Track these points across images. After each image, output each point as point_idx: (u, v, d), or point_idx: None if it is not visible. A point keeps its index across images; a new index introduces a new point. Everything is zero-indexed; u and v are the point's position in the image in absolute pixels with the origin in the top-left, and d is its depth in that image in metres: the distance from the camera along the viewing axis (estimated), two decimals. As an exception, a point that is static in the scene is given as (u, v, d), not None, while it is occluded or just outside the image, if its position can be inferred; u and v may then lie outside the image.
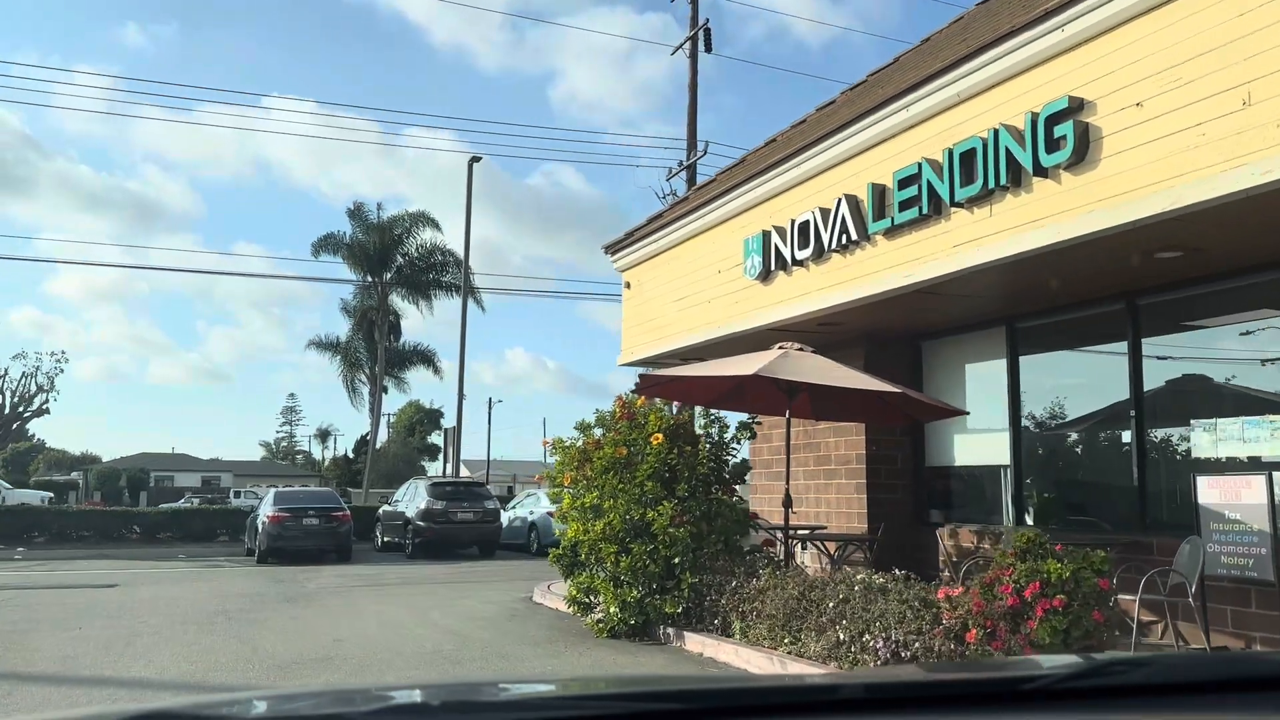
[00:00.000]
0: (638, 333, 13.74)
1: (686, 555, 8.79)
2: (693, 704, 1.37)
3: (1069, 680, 1.45)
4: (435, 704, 1.45)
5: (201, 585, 15.71)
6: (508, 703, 1.50)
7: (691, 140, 37.33)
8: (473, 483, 24.09)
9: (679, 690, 1.48)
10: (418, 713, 1.40)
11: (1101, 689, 1.45)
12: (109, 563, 20.67)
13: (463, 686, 2.40)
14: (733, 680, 2.22)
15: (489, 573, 18.05)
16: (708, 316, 11.90)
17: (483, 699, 1.54)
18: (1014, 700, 1.42)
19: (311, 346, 46.51)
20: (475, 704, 1.47)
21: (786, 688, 1.61)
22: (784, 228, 10.28)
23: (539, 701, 1.51)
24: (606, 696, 1.48)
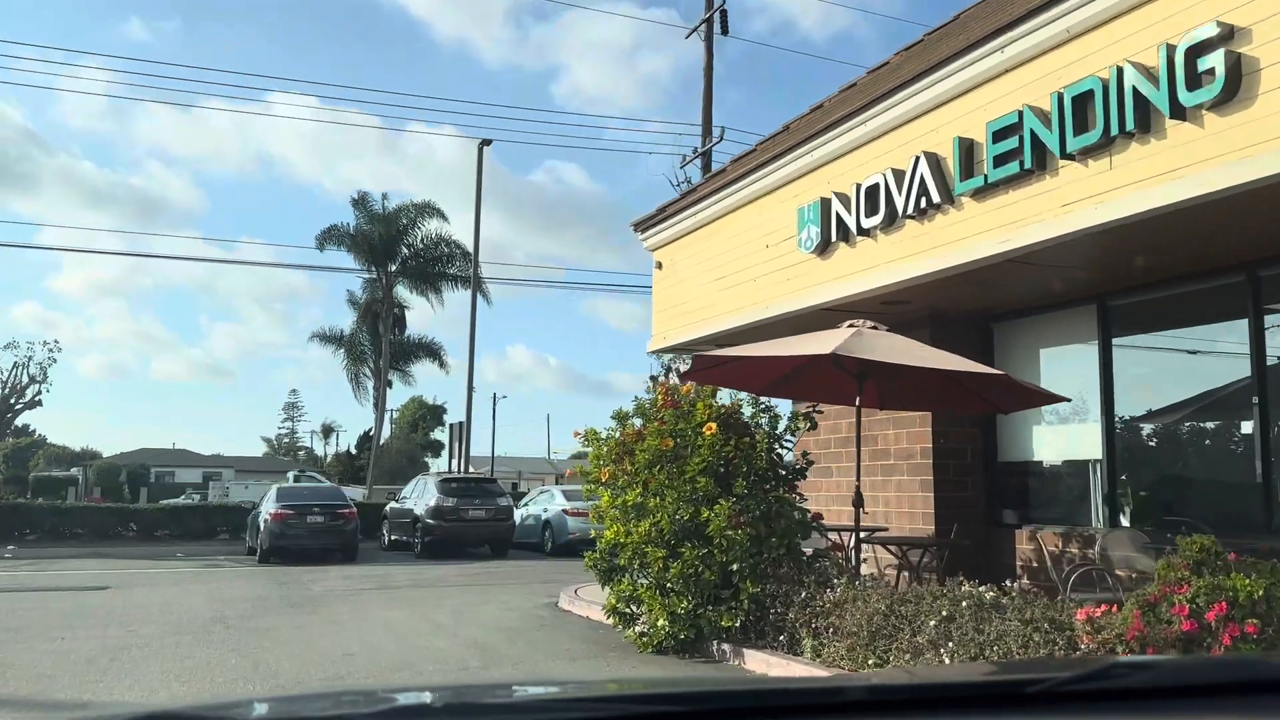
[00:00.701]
0: (671, 317, 12.66)
1: (746, 561, 7.71)
2: (695, 706, 1.38)
3: (1073, 683, 1.45)
4: (438, 706, 1.46)
5: (199, 588, 14.65)
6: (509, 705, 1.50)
7: (707, 126, 36.19)
8: (484, 479, 23.03)
9: (681, 692, 1.49)
10: (419, 714, 1.39)
11: (1106, 692, 1.44)
12: (102, 562, 19.61)
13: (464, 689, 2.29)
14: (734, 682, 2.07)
15: (505, 574, 16.97)
16: (753, 296, 10.82)
17: (484, 701, 1.56)
18: (1018, 703, 1.42)
19: (315, 339, 45.45)
20: (477, 706, 1.49)
21: (789, 690, 1.54)
22: (847, 194, 9.20)
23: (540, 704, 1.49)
24: (608, 699, 1.47)
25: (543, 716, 1.44)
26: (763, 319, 10.61)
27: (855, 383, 8.60)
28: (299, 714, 1.44)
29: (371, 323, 45.23)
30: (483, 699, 1.58)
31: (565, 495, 23.05)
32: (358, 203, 43.99)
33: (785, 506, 8.05)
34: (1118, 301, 8.96)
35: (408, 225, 43.41)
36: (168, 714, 1.26)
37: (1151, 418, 9.05)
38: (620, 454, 8.97)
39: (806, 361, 8.51)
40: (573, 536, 21.72)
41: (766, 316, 10.52)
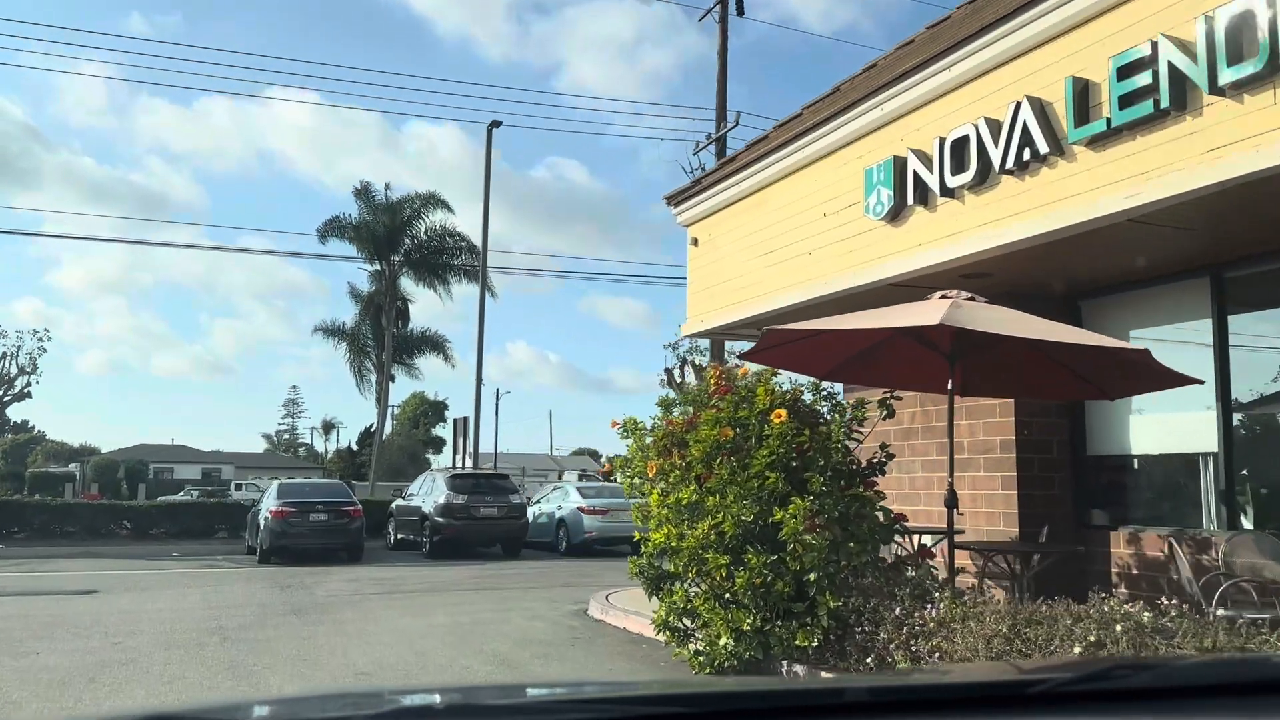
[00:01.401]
0: (709, 297, 11.56)
1: (824, 570, 6.61)
2: (696, 708, 1.38)
3: (1074, 684, 1.46)
4: (440, 707, 1.46)
5: (194, 592, 13.56)
6: (510, 707, 1.49)
7: (721, 110, 35.02)
8: (496, 475, 21.95)
9: (683, 693, 1.47)
10: (421, 715, 1.39)
11: (1106, 693, 1.44)
12: (93, 563, 18.54)
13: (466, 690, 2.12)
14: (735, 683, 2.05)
15: (522, 577, 15.88)
16: (807, 271, 9.72)
17: (485, 702, 1.56)
18: (1019, 704, 1.42)
19: (318, 332, 44.29)
20: (478, 707, 1.50)
21: (790, 691, 1.59)
22: (927, 150, 8.10)
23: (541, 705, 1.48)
24: (609, 700, 1.45)
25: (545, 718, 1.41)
26: (818, 297, 9.51)
27: (942, 364, 7.52)
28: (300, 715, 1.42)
29: (374, 315, 44.16)
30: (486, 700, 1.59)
31: (580, 492, 22.00)
32: (360, 193, 42.92)
33: (867, 506, 6.95)
34: (1236, 273, 7.85)
35: (411, 216, 42.34)
36: (168, 715, 1.26)
37: (1277, 405, 7.94)
38: (669, 445, 7.88)
39: (886, 337, 7.42)
40: (589, 535, 20.66)
41: (823, 294, 9.42)
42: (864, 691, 1.49)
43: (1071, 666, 1.66)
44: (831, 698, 1.44)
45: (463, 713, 1.44)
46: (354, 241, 42.34)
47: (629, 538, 21.70)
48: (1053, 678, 1.47)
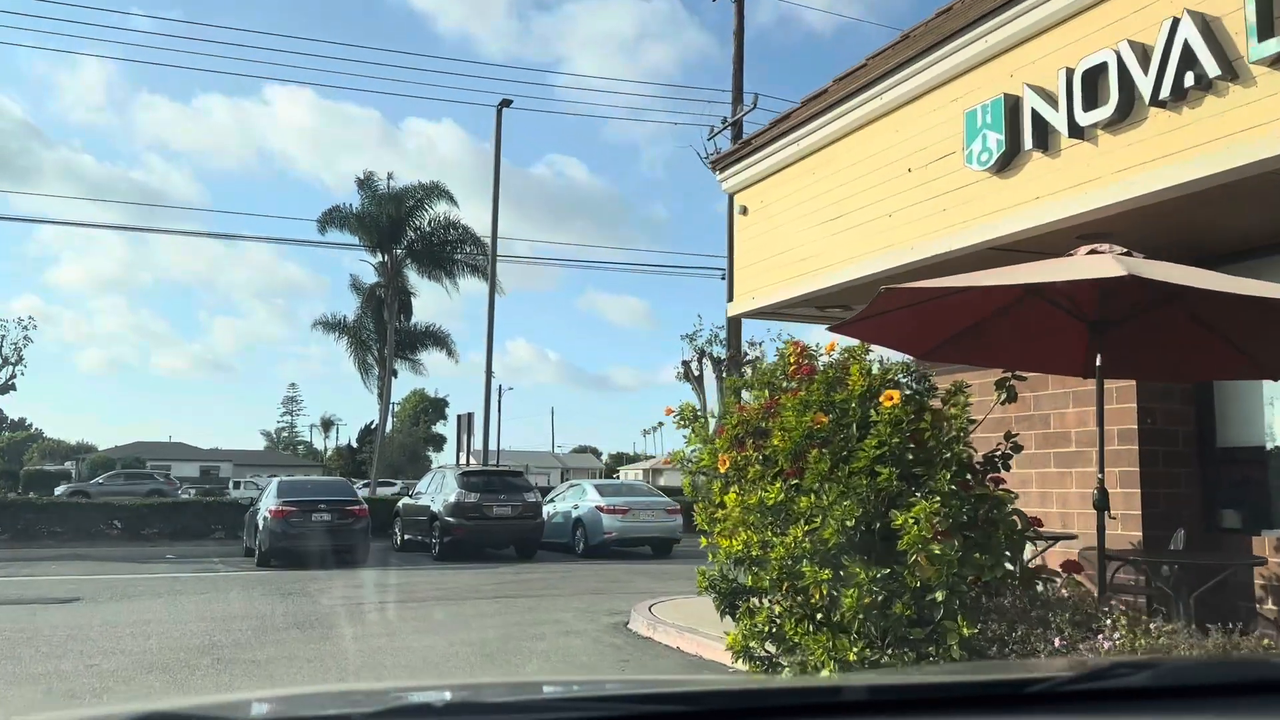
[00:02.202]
0: (760, 272, 10.31)
1: (956, 588, 5.36)
2: (696, 706, 1.37)
3: (1073, 683, 1.45)
4: (439, 705, 1.45)
5: (187, 601, 12.31)
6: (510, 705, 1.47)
7: (737, 92, 33.67)
8: (509, 472, 20.70)
9: (682, 692, 1.47)
10: (421, 713, 1.38)
11: (1106, 692, 1.44)
12: (79, 566, 17.29)
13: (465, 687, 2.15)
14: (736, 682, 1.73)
15: (544, 583, 14.63)
16: (886, 237, 8.47)
17: (485, 700, 1.54)
18: (1019, 703, 1.41)
19: (318, 326, 42.99)
20: (478, 705, 1.49)
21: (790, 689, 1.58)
22: (1049, 85, 6.85)
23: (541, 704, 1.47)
24: (609, 698, 1.45)
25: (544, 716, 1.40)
26: (900, 266, 8.27)
27: (1073, 339, 6.29)
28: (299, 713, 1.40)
29: (376, 308, 42.89)
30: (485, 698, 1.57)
31: (598, 490, 20.75)
32: (363, 183, 41.66)
33: (1000, 509, 5.70)
34: None
35: (415, 207, 41.06)
36: (168, 714, 1.24)
37: None
38: (743, 434, 6.62)
39: (1011, 305, 6.17)
40: (608, 536, 19.41)
41: (906, 262, 8.17)
42: (863, 690, 1.48)
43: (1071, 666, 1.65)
44: (830, 696, 1.45)
45: (463, 711, 1.44)
46: (356, 232, 41.10)
47: (650, 539, 20.52)
48: (1051, 677, 1.46)
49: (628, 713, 1.34)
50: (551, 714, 1.42)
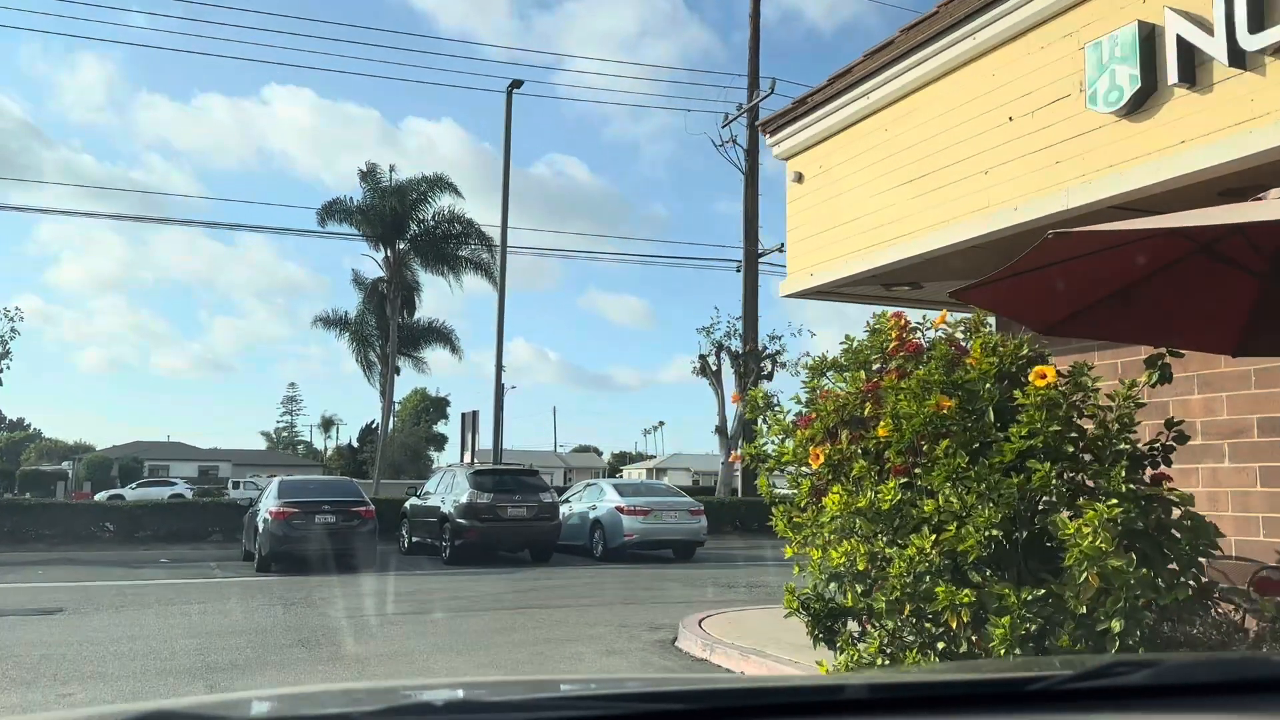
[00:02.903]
0: (820, 245, 9.20)
1: (1134, 614, 4.25)
2: (695, 705, 1.37)
3: (1073, 681, 1.44)
4: (439, 704, 1.45)
5: (179, 612, 11.21)
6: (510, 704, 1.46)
7: (754, 78, 32.66)
8: (524, 470, 19.58)
9: (681, 691, 1.45)
10: (421, 712, 1.37)
11: (1106, 690, 1.43)
12: (67, 571, 16.18)
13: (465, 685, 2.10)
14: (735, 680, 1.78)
15: (568, 592, 13.52)
16: (981, 197, 7.36)
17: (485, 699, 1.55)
18: (1018, 701, 1.41)
19: (319, 323, 41.88)
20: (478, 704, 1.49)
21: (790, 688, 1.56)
22: (1197, 11, 5.73)
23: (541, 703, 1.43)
24: (608, 697, 1.43)
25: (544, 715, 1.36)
26: (999, 229, 7.17)
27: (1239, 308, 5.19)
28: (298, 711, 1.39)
29: (378, 304, 41.77)
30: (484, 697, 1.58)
31: (618, 490, 19.63)
32: (366, 175, 40.57)
33: (1171, 514, 4.58)
34: None
35: (418, 200, 39.95)
36: (167, 713, 1.23)
37: None
38: (836, 425, 5.52)
39: (1180, 256, 5.06)
40: (628, 539, 18.28)
41: (1008, 225, 7.07)
42: (864, 689, 1.47)
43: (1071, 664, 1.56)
44: (831, 695, 1.44)
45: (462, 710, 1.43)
46: (358, 225, 40.00)
47: (673, 541, 19.38)
48: (1051, 675, 1.45)
49: (627, 711, 1.32)
50: (550, 713, 1.37)
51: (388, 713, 1.28)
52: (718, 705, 1.36)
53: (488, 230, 38.98)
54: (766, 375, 26.24)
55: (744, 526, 24.25)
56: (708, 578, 15.21)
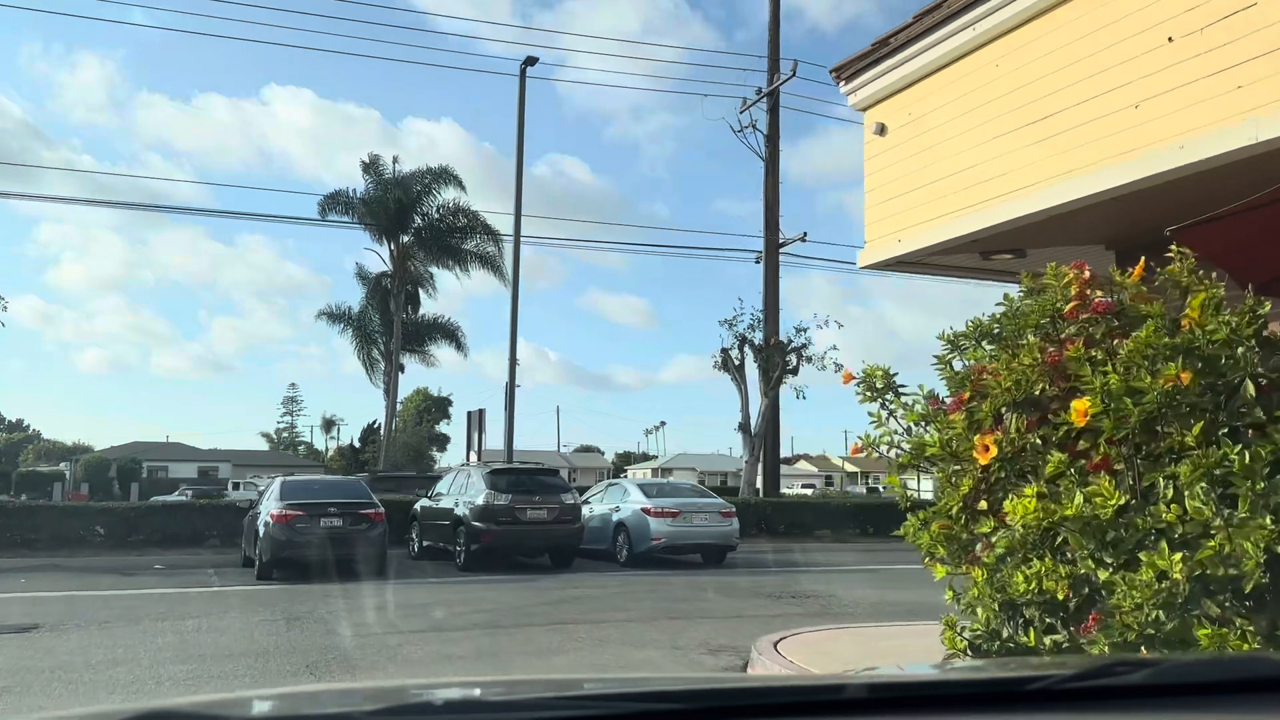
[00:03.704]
0: (908, 206, 7.94)
1: None
2: (695, 704, 1.36)
3: (1073, 681, 1.44)
4: (438, 703, 1.44)
5: (170, 629, 9.95)
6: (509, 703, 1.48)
7: (774, 61, 31.32)
8: (543, 470, 18.31)
9: (681, 690, 1.45)
10: (421, 712, 1.36)
11: (1105, 690, 1.43)
12: (51, 580, 14.93)
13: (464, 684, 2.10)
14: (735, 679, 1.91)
15: (599, 602, 12.26)
16: (1131, 137, 6.10)
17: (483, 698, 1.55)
18: (1019, 700, 1.41)
19: (323, 317, 40.61)
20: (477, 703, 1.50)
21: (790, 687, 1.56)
22: None
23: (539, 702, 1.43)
24: (608, 697, 1.43)
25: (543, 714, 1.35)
26: (1154, 174, 5.92)
27: None
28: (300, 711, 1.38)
29: (382, 299, 40.50)
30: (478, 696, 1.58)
31: (642, 490, 18.35)
32: (368, 166, 39.32)
33: None
34: None
35: (422, 192, 38.65)
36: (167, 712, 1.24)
37: None
38: (1004, 408, 4.28)
39: None
40: (655, 543, 17.00)
41: (1167, 168, 5.82)
42: (863, 689, 1.46)
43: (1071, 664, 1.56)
44: (831, 694, 1.44)
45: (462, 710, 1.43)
46: (361, 218, 38.75)
47: (703, 545, 18.07)
48: (1052, 675, 1.44)
49: (626, 711, 1.32)
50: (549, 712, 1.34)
51: (388, 712, 1.27)
52: (718, 705, 1.36)
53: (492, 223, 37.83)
54: (792, 370, 24.98)
55: (769, 529, 23.01)
56: (747, 586, 13.95)
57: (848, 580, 14.86)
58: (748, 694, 1.43)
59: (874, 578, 15.69)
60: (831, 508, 24.66)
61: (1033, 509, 3.83)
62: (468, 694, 1.62)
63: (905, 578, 15.60)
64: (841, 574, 16.14)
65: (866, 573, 16.56)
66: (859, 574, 16.21)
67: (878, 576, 15.93)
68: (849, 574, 16.18)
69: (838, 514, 24.07)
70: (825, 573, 16.33)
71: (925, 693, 1.49)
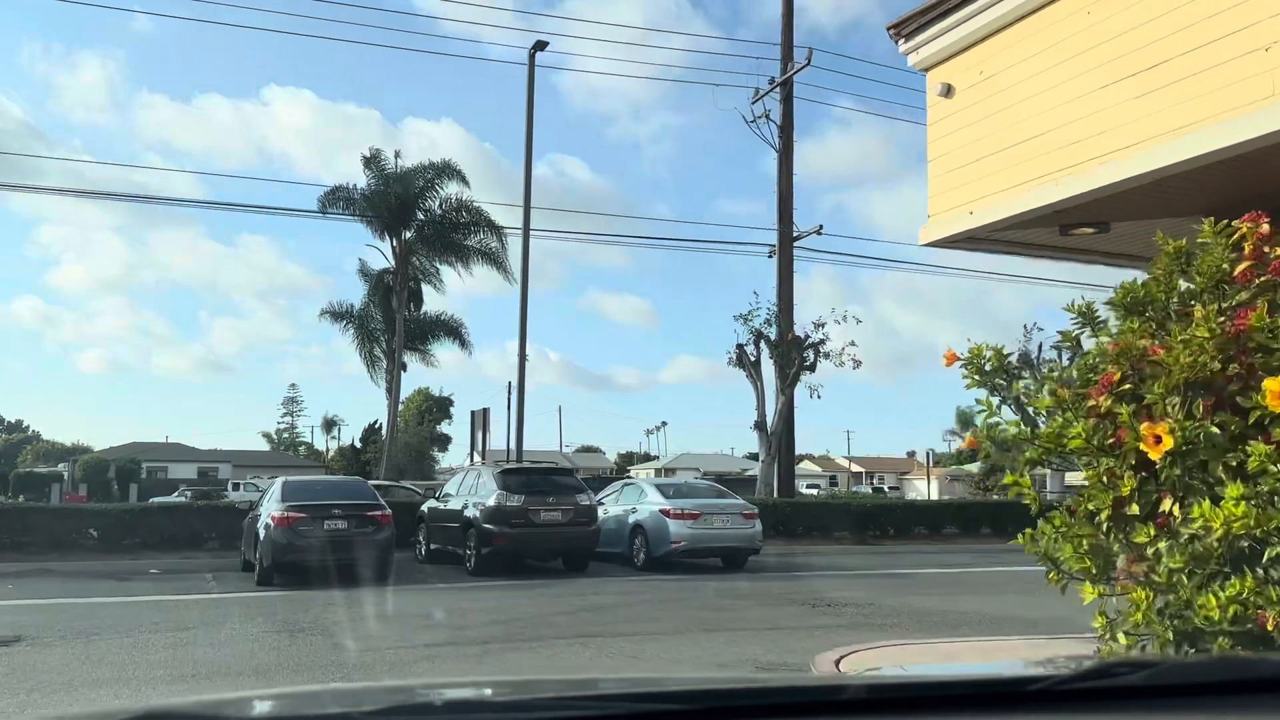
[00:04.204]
0: (979, 174, 7.15)
1: None
2: (695, 704, 1.36)
3: (1073, 681, 1.43)
4: (438, 703, 1.43)
5: (163, 643, 9.16)
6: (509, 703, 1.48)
7: (787, 50, 30.53)
8: (557, 469, 17.51)
9: (681, 690, 1.44)
10: (421, 712, 1.36)
11: (1105, 690, 1.43)
12: (40, 586, 14.15)
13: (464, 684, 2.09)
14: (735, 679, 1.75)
15: (627, 611, 11.45)
16: (1263, 83, 5.32)
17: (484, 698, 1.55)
18: (1019, 701, 1.41)
19: (325, 315, 39.76)
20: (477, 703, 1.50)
21: (789, 687, 1.53)
22: None
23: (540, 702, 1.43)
24: (608, 697, 1.44)
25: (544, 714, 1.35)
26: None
27: None
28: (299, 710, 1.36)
29: (384, 297, 39.70)
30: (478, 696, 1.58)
31: (660, 490, 17.53)
32: (369, 161, 38.47)
33: None
34: None
35: (424, 187, 37.80)
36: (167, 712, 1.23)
37: None
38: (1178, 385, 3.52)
39: None
40: (675, 546, 16.19)
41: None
42: (863, 689, 1.46)
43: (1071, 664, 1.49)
44: (831, 695, 1.44)
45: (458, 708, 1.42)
46: (363, 214, 37.90)
47: (725, 549, 17.24)
48: (1052, 675, 1.43)
49: (626, 711, 1.31)
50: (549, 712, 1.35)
51: (388, 712, 1.27)
52: (718, 705, 1.35)
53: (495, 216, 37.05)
54: (809, 366, 24.18)
55: (787, 530, 22.20)
56: (778, 593, 13.15)
57: (881, 586, 14.07)
58: (748, 694, 1.43)
59: (908, 584, 14.90)
60: (851, 509, 23.84)
61: (1239, 514, 3.04)
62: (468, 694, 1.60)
63: (940, 584, 14.81)
64: (872, 579, 15.35)
65: (897, 578, 15.76)
66: (890, 580, 15.42)
67: (912, 583, 15.14)
68: (880, 579, 15.39)
69: (857, 516, 23.26)
70: (855, 578, 15.54)
71: (925, 693, 1.49)
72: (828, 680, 1.62)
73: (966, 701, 1.40)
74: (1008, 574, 16.74)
